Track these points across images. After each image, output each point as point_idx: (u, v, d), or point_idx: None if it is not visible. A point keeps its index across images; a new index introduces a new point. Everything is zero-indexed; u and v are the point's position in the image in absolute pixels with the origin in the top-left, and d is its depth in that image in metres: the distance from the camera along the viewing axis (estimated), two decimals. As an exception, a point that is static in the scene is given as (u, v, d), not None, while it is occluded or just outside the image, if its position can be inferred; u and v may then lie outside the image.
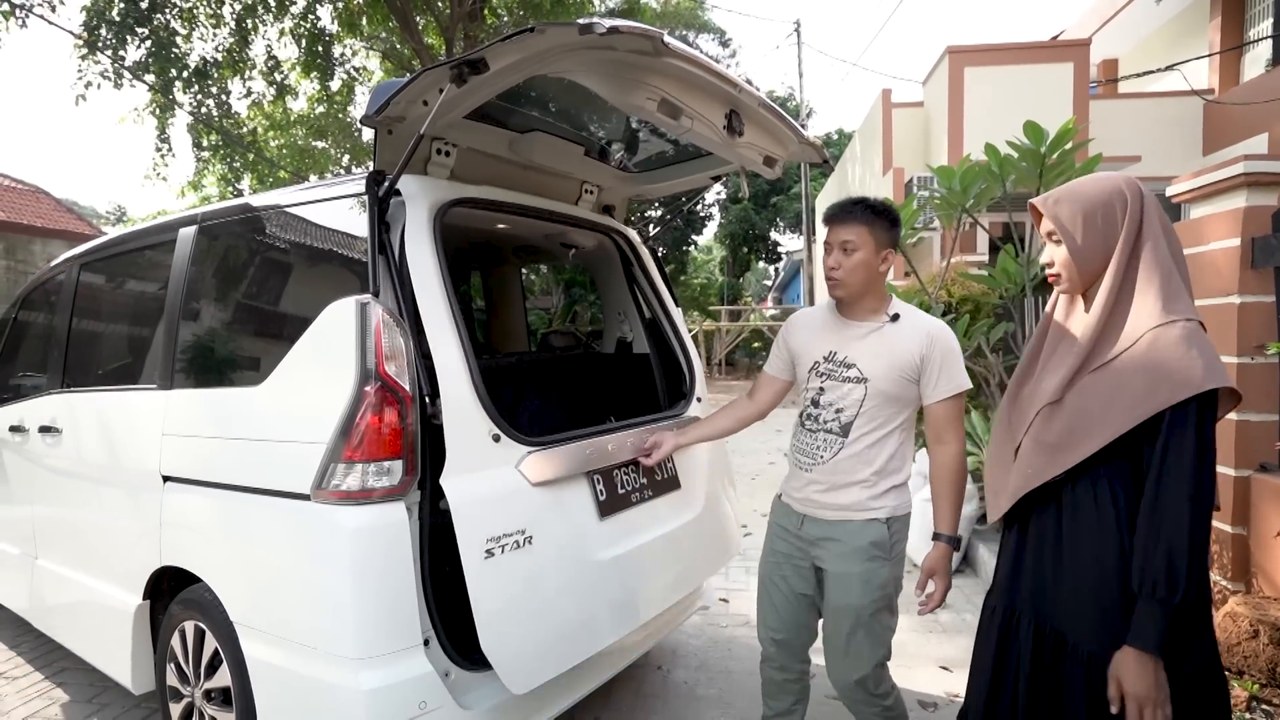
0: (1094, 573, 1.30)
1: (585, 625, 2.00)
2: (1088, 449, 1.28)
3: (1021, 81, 9.06)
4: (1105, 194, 1.35)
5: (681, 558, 2.43)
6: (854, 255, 1.81)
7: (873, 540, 1.82)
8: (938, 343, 1.79)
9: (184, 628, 2.13)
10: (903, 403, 1.84)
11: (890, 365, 1.80)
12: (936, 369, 1.78)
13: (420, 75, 1.72)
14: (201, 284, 2.34)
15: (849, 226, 1.82)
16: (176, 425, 2.19)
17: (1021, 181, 4.00)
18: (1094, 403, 1.29)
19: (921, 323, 1.84)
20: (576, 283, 14.52)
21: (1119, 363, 1.27)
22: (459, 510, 1.73)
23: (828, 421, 1.88)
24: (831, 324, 1.92)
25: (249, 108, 12.43)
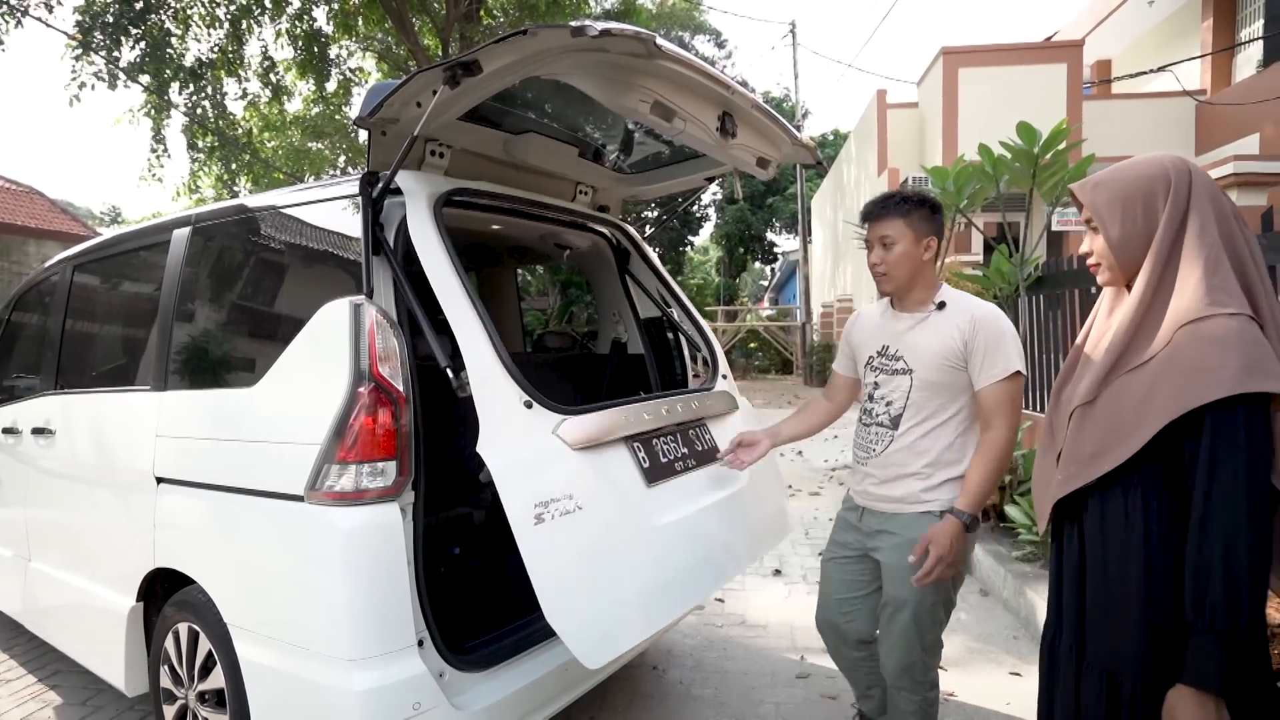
0: (1119, 590, 1.21)
1: (654, 592, 1.90)
2: (1118, 456, 1.19)
3: (1015, 82, 9.10)
4: (1147, 177, 1.23)
5: (738, 526, 2.31)
6: (894, 249, 1.84)
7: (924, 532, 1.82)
8: (980, 327, 1.77)
9: (178, 629, 2.12)
10: (953, 391, 1.83)
11: (934, 353, 1.82)
12: (981, 354, 1.77)
13: (414, 77, 1.72)
14: (195, 285, 2.34)
15: (886, 222, 1.85)
16: (170, 426, 2.19)
17: (1015, 182, 4.02)
18: (1126, 406, 1.19)
19: (966, 308, 1.83)
20: (573, 283, 14.53)
21: (1153, 363, 1.17)
22: (501, 475, 1.65)
23: (879, 415, 1.92)
24: (886, 319, 1.97)
25: (244, 109, 12.42)
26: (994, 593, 3.59)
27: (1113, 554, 1.22)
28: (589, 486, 1.83)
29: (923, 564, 1.74)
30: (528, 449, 1.76)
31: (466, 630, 2.08)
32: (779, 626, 3.35)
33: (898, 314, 1.93)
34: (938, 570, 1.73)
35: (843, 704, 2.65)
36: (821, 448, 7.95)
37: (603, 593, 1.78)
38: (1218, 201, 1.21)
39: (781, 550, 4.46)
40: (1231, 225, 1.20)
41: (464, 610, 2.31)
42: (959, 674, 2.86)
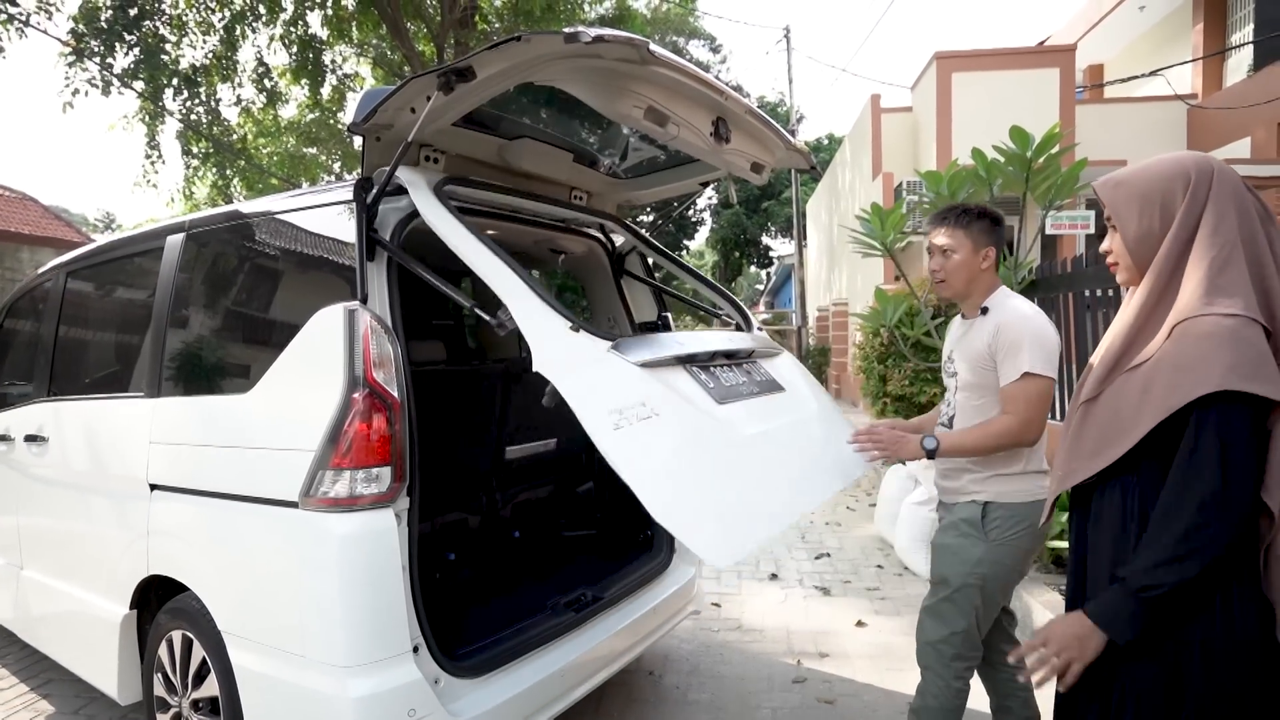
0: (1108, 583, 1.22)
1: (769, 491, 1.79)
2: (1113, 454, 1.20)
3: (1009, 86, 9.15)
4: (1166, 175, 1.22)
5: (821, 446, 2.19)
6: (952, 258, 1.97)
7: (964, 517, 1.93)
8: (1002, 331, 1.87)
9: (171, 637, 2.11)
10: (990, 392, 1.91)
11: (970, 356, 1.94)
12: (1001, 355, 1.87)
13: (408, 83, 1.72)
14: (189, 291, 2.33)
15: (946, 231, 1.98)
16: (164, 433, 2.18)
17: (1008, 186, 4.04)
18: (1124, 404, 1.20)
19: (998, 313, 1.92)
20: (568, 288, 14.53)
21: (1150, 362, 1.18)
22: (568, 386, 1.55)
23: (945, 416, 2.07)
24: (956, 325, 2.12)
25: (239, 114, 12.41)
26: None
27: (1110, 549, 1.23)
28: (660, 396, 1.71)
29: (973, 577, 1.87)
30: (587, 363, 1.67)
31: (462, 636, 2.08)
32: (775, 631, 3.35)
33: (962, 320, 2.08)
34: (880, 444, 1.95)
35: (840, 708, 2.65)
36: (818, 451, 7.96)
37: (714, 490, 1.64)
38: (1242, 200, 1.19)
39: (777, 554, 4.47)
40: (1254, 225, 1.18)
41: (459, 616, 2.31)
42: (955, 677, 2.85)
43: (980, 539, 1.90)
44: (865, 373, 5.75)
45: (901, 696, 2.72)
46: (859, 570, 4.16)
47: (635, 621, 2.44)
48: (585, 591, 2.42)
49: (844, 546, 4.61)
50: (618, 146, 2.71)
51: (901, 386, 5.18)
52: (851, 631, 3.32)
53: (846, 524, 5.14)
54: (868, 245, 4.84)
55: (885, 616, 3.49)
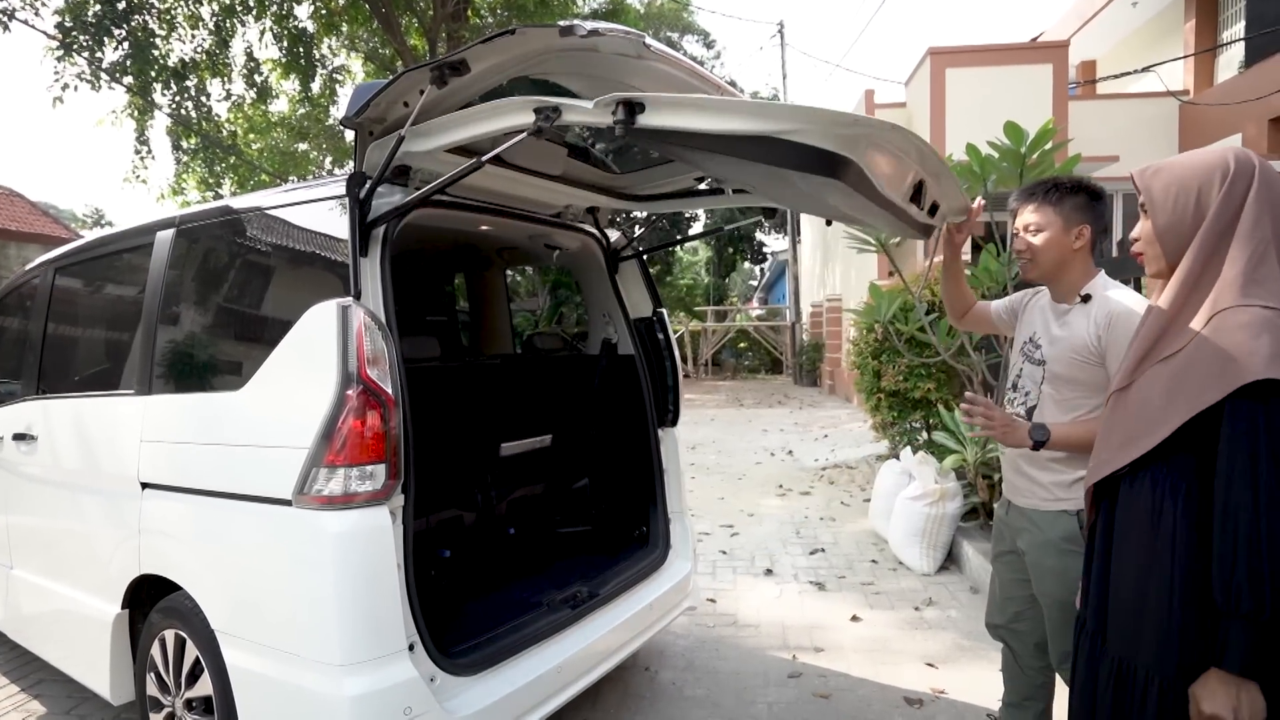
0: (1138, 583, 1.20)
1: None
2: (1146, 444, 1.18)
3: (1002, 82, 9.17)
4: (1205, 166, 1.20)
5: None
6: (1039, 235, 1.81)
7: (1064, 535, 1.78)
8: (1115, 323, 1.71)
9: (164, 636, 2.10)
10: (1086, 388, 1.76)
11: (1067, 347, 1.78)
12: (1117, 351, 1.68)
13: (400, 77, 1.71)
14: (180, 288, 2.31)
15: (1031, 208, 1.83)
16: (155, 431, 2.16)
17: (1002, 181, 4.04)
18: (1155, 394, 1.19)
19: (1109, 302, 1.76)
20: (562, 284, 14.50)
21: (1184, 351, 1.16)
22: None
23: (1018, 405, 1.91)
24: (1043, 309, 1.93)
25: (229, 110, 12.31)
26: (983, 590, 3.60)
27: (1139, 542, 1.21)
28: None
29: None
30: None
31: (457, 634, 2.07)
32: (771, 626, 3.35)
33: (1053, 304, 1.90)
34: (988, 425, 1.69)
35: (835, 702, 2.66)
36: (812, 447, 7.98)
37: None
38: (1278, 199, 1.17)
39: (772, 550, 4.47)
40: None
41: (455, 613, 2.30)
42: (950, 671, 2.87)
43: (1079, 552, 1.70)
44: (859, 368, 5.75)
45: (895, 690, 2.73)
46: (853, 565, 4.17)
47: (631, 618, 2.44)
48: (581, 588, 2.42)
49: (838, 542, 4.62)
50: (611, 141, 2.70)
51: (896, 382, 5.19)
52: (846, 626, 3.33)
53: (841, 519, 5.15)
54: (862, 241, 4.84)
55: (879, 611, 3.50)
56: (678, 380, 2.95)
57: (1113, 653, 1.26)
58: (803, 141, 1.37)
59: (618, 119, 1.44)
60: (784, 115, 1.35)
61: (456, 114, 1.73)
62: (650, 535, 2.85)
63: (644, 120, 1.45)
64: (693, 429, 9.49)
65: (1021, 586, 1.97)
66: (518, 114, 1.63)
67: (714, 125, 1.41)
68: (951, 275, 2.19)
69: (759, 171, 1.72)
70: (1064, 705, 2.06)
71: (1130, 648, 1.22)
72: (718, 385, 16.70)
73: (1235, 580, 1.06)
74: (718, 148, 1.47)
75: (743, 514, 5.36)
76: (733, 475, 6.78)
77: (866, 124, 1.35)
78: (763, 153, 1.43)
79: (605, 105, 1.46)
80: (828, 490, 6.07)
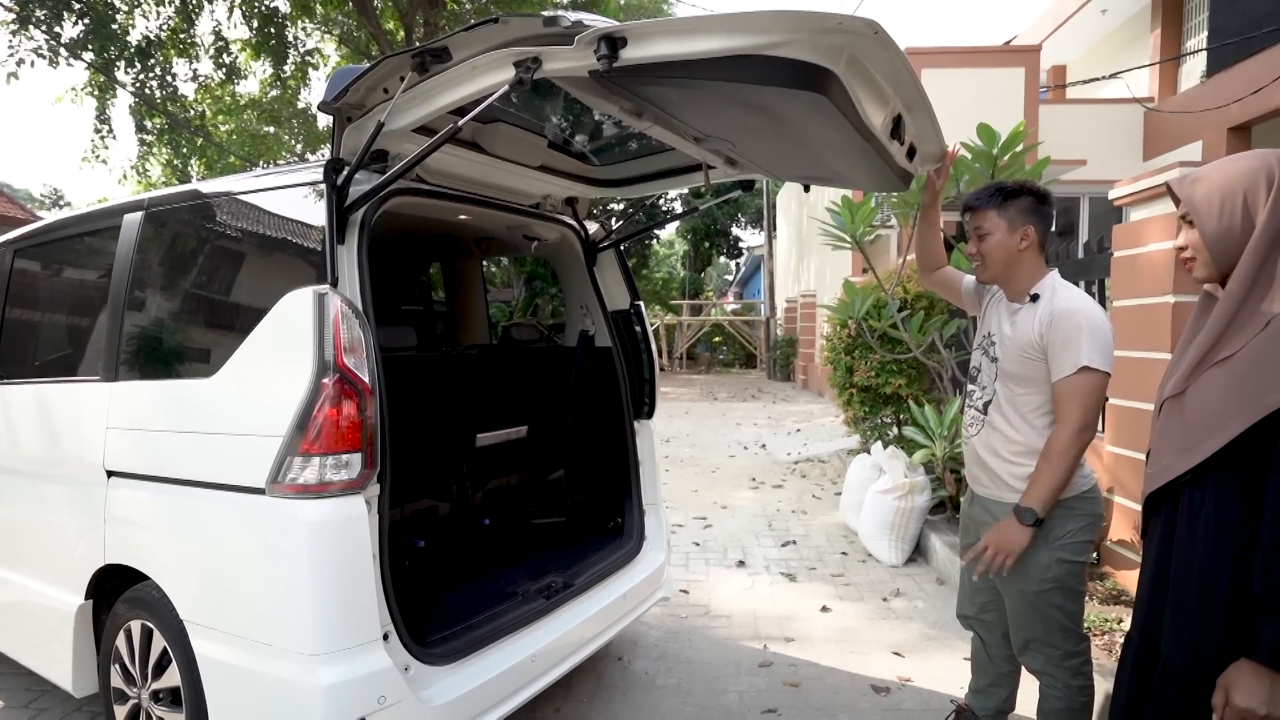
0: (1199, 588, 1.20)
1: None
2: (1207, 449, 1.17)
3: (975, 84, 9.31)
4: (1249, 171, 1.21)
5: None
6: (987, 239, 1.90)
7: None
8: (1057, 322, 1.78)
9: (130, 627, 2.06)
10: (1035, 384, 1.84)
11: (1015, 345, 1.86)
12: (1056, 348, 1.78)
13: (381, 62, 1.69)
14: (148, 272, 2.26)
15: (980, 212, 1.92)
16: (122, 418, 2.11)
17: (975, 182, 4.11)
18: (1214, 399, 1.18)
19: (1052, 303, 1.82)
20: (538, 276, 14.42)
21: (1242, 355, 1.16)
22: None
23: (976, 399, 2.02)
24: (1001, 306, 2.01)
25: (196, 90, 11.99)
26: (949, 582, 3.70)
27: (1202, 549, 1.19)
28: None
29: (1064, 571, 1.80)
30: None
31: (432, 623, 2.07)
32: (743, 616, 3.40)
33: (1006, 302, 1.98)
34: (988, 558, 1.80)
35: (805, 691, 2.71)
36: (785, 441, 8.07)
37: None
38: None
39: (745, 542, 4.53)
40: None
41: (430, 603, 2.30)
42: (915, 660, 2.94)
43: (1043, 543, 1.82)
44: (832, 364, 5.83)
45: (863, 678, 2.79)
46: (824, 557, 4.24)
47: (605, 608, 2.45)
48: (555, 578, 2.43)
49: (809, 534, 4.70)
50: (593, 133, 2.70)
51: (868, 378, 5.27)
52: (816, 616, 3.39)
53: (812, 512, 5.23)
54: (837, 238, 4.90)
55: (849, 602, 3.56)
56: (654, 373, 2.96)
57: (1175, 658, 1.24)
58: (789, 55, 1.36)
59: (600, 54, 1.41)
60: (767, 25, 1.33)
61: (433, 80, 1.68)
62: (625, 527, 2.87)
63: (627, 55, 1.41)
64: (667, 422, 9.54)
65: (987, 578, 2.03)
66: (497, 70, 1.59)
67: (698, 47, 1.37)
68: (929, 222, 2.30)
69: (745, 116, 1.72)
70: (1028, 693, 2.15)
71: (1196, 655, 1.21)
72: (692, 379, 16.78)
73: (1275, 573, 1.07)
74: (704, 75, 1.44)
75: (716, 506, 5.41)
76: (706, 468, 6.83)
77: (850, 26, 1.33)
78: (750, 74, 1.41)
79: (587, 44, 1.43)
80: (800, 484, 6.15)
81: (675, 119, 1.87)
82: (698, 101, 1.73)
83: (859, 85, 1.53)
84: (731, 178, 2.45)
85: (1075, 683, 1.90)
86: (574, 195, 2.88)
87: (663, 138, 2.09)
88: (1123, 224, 3.33)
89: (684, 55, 1.39)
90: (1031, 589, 1.85)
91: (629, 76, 1.49)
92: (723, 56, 1.37)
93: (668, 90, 1.63)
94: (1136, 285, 3.13)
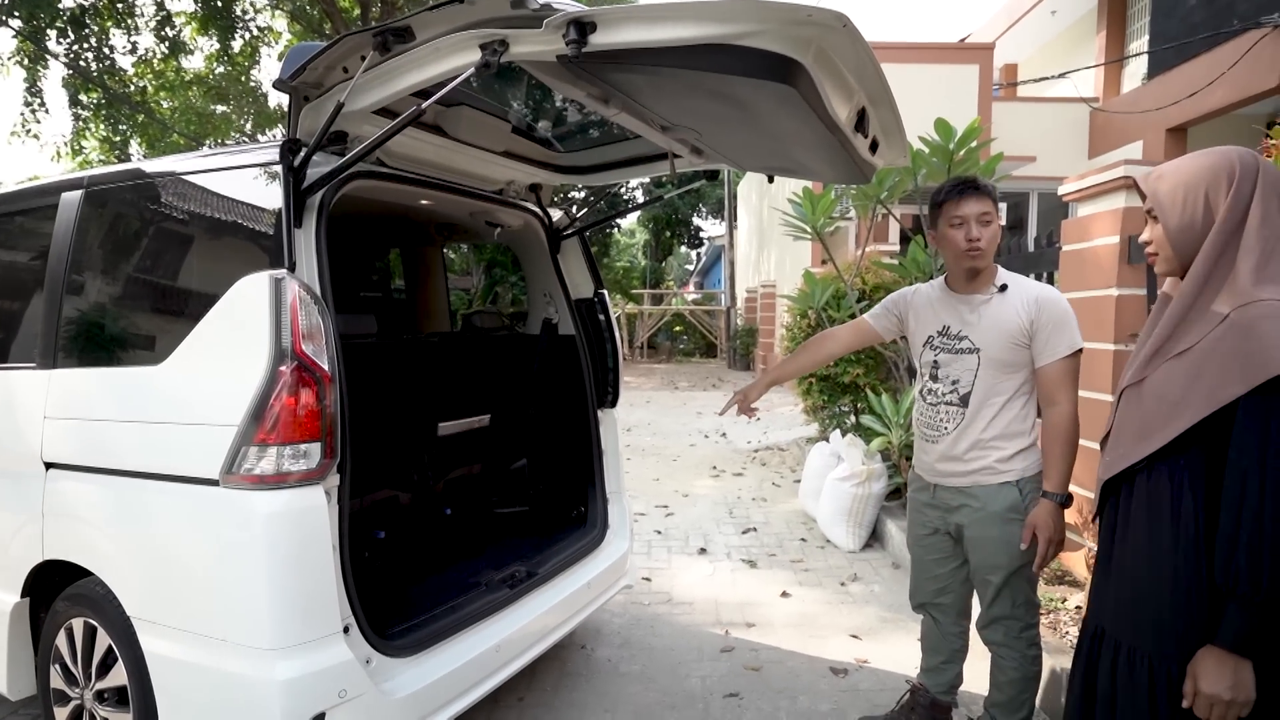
0: (1146, 570, 1.24)
1: None
2: (1163, 438, 1.21)
3: (930, 80, 9.49)
4: (1211, 168, 1.23)
5: None
6: (990, 226, 1.90)
7: (1007, 504, 1.92)
8: (1045, 308, 1.86)
9: (71, 625, 1.98)
10: (1016, 368, 1.92)
11: (1002, 333, 1.90)
12: (1046, 333, 1.86)
13: (340, 40, 1.63)
14: (88, 254, 2.15)
15: (983, 199, 1.90)
16: (61, 407, 2.02)
17: (932, 176, 4.21)
18: (1172, 389, 1.21)
19: (1030, 290, 1.91)
20: (498, 263, 14.22)
21: (1199, 346, 1.19)
22: None
23: (946, 394, 2.00)
24: (944, 300, 2.03)
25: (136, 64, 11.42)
26: (904, 566, 3.80)
27: (1154, 532, 1.23)
28: None
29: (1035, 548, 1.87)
30: None
31: (394, 615, 2.04)
32: (704, 603, 3.44)
33: (960, 295, 1.99)
34: (1051, 551, 1.86)
35: (766, 674, 2.76)
36: (745, 430, 8.17)
37: None
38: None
39: (706, 529, 4.58)
40: None
41: (392, 595, 2.26)
42: (872, 642, 3.02)
43: (1021, 519, 1.90)
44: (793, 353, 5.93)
45: (822, 661, 2.86)
46: (784, 543, 4.32)
47: (569, 597, 2.45)
48: (519, 568, 2.42)
49: (770, 521, 4.77)
50: (558, 119, 2.67)
51: (827, 368, 5.37)
52: (776, 602, 3.46)
53: (772, 499, 5.31)
54: (798, 228, 4.96)
55: (808, 587, 3.64)
56: (618, 362, 2.96)
57: (1119, 639, 1.29)
58: (758, 46, 1.36)
59: (569, 39, 1.38)
60: (737, 15, 1.33)
61: (395, 60, 1.64)
62: (588, 515, 2.87)
63: (597, 40, 1.39)
64: (628, 411, 9.55)
65: (944, 564, 2.13)
66: (462, 52, 1.55)
67: (668, 34, 1.35)
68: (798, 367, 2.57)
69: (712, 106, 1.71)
70: (978, 666, 2.23)
71: (1140, 635, 1.25)
72: (653, 368, 16.83)
73: (1235, 562, 1.10)
74: (674, 63, 1.43)
75: (677, 494, 5.45)
76: (668, 457, 6.87)
77: (820, 18, 1.34)
78: (719, 64, 1.40)
79: (556, 28, 1.40)
80: (760, 471, 6.23)
81: (643, 107, 1.86)
82: (666, 90, 1.72)
83: (826, 78, 1.54)
84: (697, 167, 2.45)
85: (1030, 653, 2.01)
86: (538, 182, 2.85)
87: (630, 125, 2.07)
88: (1070, 219, 3.45)
89: (654, 42, 1.38)
90: (1016, 564, 1.95)
91: (598, 62, 1.47)
92: (692, 45, 1.37)
93: (636, 77, 1.62)
94: (1083, 278, 3.25)
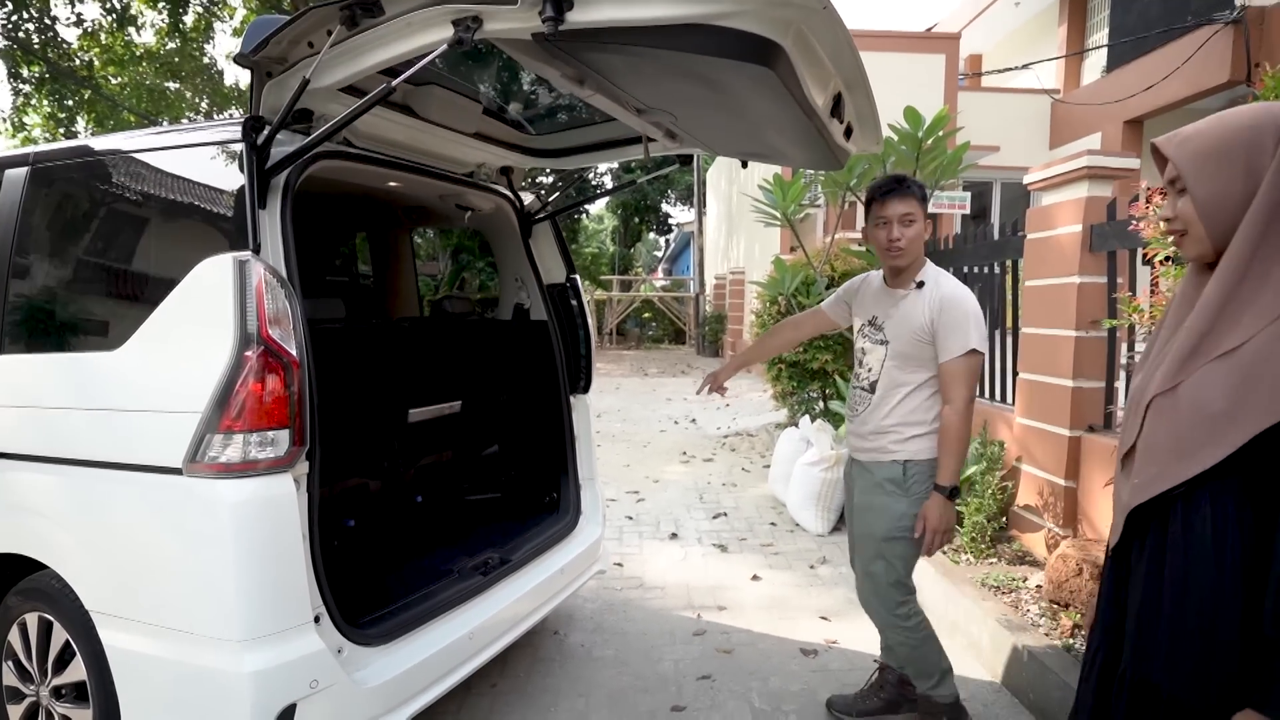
0: (1196, 608, 1.00)
1: None
2: (1211, 456, 0.97)
3: (897, 68, 9.58)
4: (1251, 126, 0.99)
5: None
6: (913, 227, 1.98)
7: (888, 477, 2.06)
8: (945, 308, 1.94)
9: (25, 620, 1.91)
10: (921, 362, 2.01)
11: (907, 328, 2.00)
12: (944, 332, 1.94)
13: (305, 13, 1.57)
14: (34, 236, 2.05)
15: (907, 200, 1.98)
16: (9, 395, 1.93)
17: (901, 163, 4.26)
18: (1217, 397, 0.98)
19: (939, 289, 1.98)
20: (465, 248, 14.03)
21: (1251, 347, 0.96)
22: None
23: (863, 379, 2.15)
24: (879, 292, 2.14)
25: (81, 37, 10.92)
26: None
27: (1198, 568, 1.00)
28: None
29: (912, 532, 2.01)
30: None
31: (366, 604, 2.01)
32: (676, 587, 3.47)
33: (890, 289, 2.09)
34: (938, 540, 1.97)
35: (737, 657, 2.80)
36: (714, 416, 8.22)
37: None
38: None
39: (677, 514, 4.60)
40: None
41: (363, 583, 2.23)
42: (841, 623, 3.08)
43: (902, 495, 2.05)
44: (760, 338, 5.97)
45: (792, 643, 2.91)
46: (754, 528, 4.37)
47: (542, 583, 2.45)
48: (492, 555, 2.41)
49: (740, 506, 4.82)
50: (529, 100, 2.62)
51: (796, 353, 5.42)
52: (747, 585, 3.50)
53: (742, 485, 5.36)
54: (769, 215, 4.99)
55: (778, 570, 3.69)
56: (590, 347, 2.95)
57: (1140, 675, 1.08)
58: (738, 27, 1.35)
59: (545, 16, 1.34)
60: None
61: (363, 36, 1.58)
62: (561, 501, 2.86)
63: (574, 18, 1.35)
64: (598, 398, 9.54)
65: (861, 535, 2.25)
66: (434, 28, 1.51)
67: (648, 13, 1.31)
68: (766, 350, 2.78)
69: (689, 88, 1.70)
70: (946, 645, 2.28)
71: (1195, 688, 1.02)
72: (622, 354, 16.82)
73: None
74: (652, 42, 1.40)
75: (648, 480, 5.47)
76: (638, 443, 6.89)
77: (801, 1, 1.33)
78: (697, 44, 1.36)
79: (531, 4, 1.37)
80: (729, 457, 6.29)
81: (618, 88, 1.84)
82: (643, 71, 1.70)
83: (804, 61, 1.54)
84: (671, 151, 2.44)
85: (909, 624, 2.13)
86: (509, 165, 2.80)
87: (604, 108, 2.05)
88: (1034, 208, 3.52)
89: (632, 21, 1.36)
90: (884, 534, 2.07)
91: (574, 41, 1.44)
92: (671, 24, 1.35)
93: (613, 57, 1.59)
94: (1046, 266, 3.33)
